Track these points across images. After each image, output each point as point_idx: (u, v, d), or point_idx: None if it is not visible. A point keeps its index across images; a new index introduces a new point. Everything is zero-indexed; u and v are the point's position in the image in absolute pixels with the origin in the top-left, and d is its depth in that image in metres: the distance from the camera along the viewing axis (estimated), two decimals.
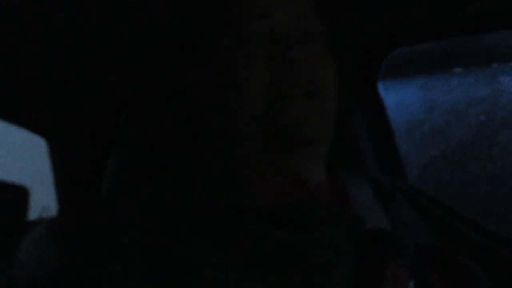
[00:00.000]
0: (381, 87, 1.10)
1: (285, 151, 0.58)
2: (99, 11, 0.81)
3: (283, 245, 0.53)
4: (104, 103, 1.11)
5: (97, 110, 1.13)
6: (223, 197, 0.57)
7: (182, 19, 0.66)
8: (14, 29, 0.82)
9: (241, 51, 0.57)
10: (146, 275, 0.51)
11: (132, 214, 0.56)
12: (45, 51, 0.92)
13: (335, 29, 0.67)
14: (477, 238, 0.66)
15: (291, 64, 0.56)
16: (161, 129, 0.86)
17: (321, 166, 0.64)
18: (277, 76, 0.57)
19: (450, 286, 0.55)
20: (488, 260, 0.61)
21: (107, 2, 0.79)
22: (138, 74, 1.02)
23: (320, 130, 0.58)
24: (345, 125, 1.03)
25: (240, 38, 0.58)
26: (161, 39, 0.77)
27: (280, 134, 0.57)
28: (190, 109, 0.66)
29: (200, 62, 0.62)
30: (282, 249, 0.53)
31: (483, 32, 0.96)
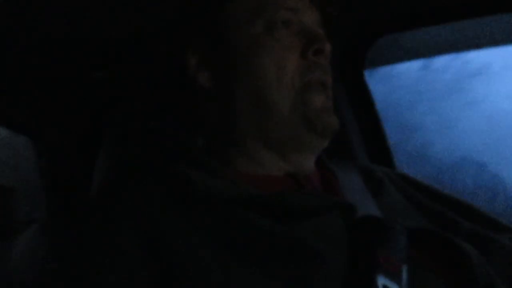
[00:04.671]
0: (368, 76, 1.10)
1: (305, 133, 0.62)
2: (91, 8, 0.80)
3: (275, 234, 0.53)
4: (91, 101, 1.10)
5: (84, 109, 1.12)
6: (216, 189, 0.57)
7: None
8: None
9: (275, 35, 0.62)
10: (142, 272, 0.51)
11: (125, 211, 0.56)
12: (31, 49, 0.91)
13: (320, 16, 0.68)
14: (465, 222, 0.67)
15: (321, 56, 0.63)
16: (150, 126, 0.85)
17: (314, 157, 0.67)
18: (307, 66, 0.62)
19: (442, 267, 0.56)
20: (476, 242, 0.61)
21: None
22: (127, 70, 1.01)
23: (335, 126, 0.64)
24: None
25: (271, 25, 0.63)
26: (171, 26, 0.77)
27: (307, 121, 0.62)
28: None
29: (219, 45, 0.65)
30: (274, 239, 0.53)
31: (467, 18, 0.97)
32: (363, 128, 1.10)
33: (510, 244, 0.64)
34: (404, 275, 0.52)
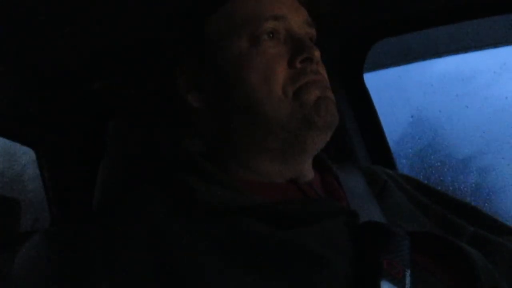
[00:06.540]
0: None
1: (307, 133, 0.61)
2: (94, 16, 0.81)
3: (278, 242, 0.53)
4: (92, 111, 1.10)
5: (86, 119, 1.12)
6: (218, 197, 0.57)
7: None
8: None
9: (259, 48, 0.61)
10: (146, 281, 0.51)
11: (128, 220, 0.56)
12: (32, 60, 0.91)
13: (319, 21, 0.68)
14: (468, 224, 0.67)
15: (311, 61, 0.62)
16: (150, 134, 0.85)
17: (311, 164, 0.67)
18: (297, 74, 0.61)
19: (446, 271, 0.56)
20: (480, 245, 0.61)
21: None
22: (127, 81, 1.01)
23: (334, 118, 0.62)
24: None
25: (256, 38, 0.62)
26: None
27: (306, 119, 0.60)
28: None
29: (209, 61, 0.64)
30: (278, 246, 0.53)
31: (466, 20, 0.97)
32: (363, 131, 1.10)
33: None
34: (408, 280, 0.52)
